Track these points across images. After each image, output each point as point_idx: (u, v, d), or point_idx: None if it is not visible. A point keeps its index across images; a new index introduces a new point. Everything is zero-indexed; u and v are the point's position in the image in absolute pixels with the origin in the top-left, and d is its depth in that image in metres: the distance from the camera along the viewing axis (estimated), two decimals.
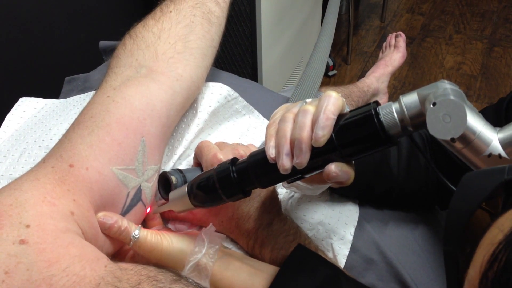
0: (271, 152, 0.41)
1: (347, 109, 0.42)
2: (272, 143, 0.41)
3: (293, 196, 0.60)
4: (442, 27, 2.31)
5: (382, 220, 0.61)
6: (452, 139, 0.36)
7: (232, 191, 0.46)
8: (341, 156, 0.40)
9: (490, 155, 0.36)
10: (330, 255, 0.55)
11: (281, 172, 0.40)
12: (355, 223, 0.58)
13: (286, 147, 0.40)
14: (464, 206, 0.28)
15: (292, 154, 0.40)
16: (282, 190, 0.59)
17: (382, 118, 0.39)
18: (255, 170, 0.44)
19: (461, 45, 2.16)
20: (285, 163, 0.40)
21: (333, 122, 0.39)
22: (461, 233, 0.27)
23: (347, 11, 2.21)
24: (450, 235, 0.27)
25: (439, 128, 0.36)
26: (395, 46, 1.51)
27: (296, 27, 1.57)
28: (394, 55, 1.49)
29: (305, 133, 0.39)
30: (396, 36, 1.52)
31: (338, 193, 0.61)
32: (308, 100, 0.43)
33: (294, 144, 0.40)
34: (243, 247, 0.54)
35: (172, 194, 0.50)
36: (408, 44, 2.13)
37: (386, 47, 1.55)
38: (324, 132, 0.38)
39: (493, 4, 2.46)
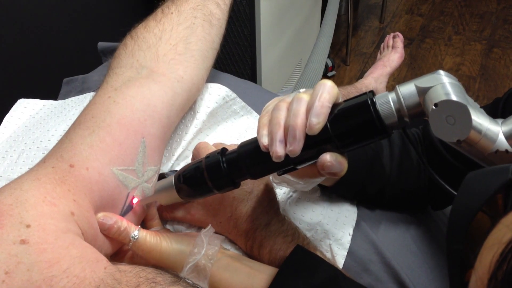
0: (264, 140, 0.40)
1: (341, 100, 0.42)
2: (265, 131, 0.41)
3: (291, 196, 0.60)
4: (441, 28, 2.32)
5: (379, 221, 0.61)
6: (458, 141, 0.36)
7: (222, 182, 0.45)
8: (335, 146, 0.40)
9: (497, 151, 0.35)
10: (328, 255, 0.55)
11: (274, 159, 0.39)
12: (353, 224, 0.59)
13: (279, 134, 0.39)
14: (469, 205, 0.27)
15: (285, 142, 0.39)
16: (280, 191, 0.59)
17: (378, 107, 0.38)
18: (246, 160, 0.43)
19: (460, 46, 2.17)
20: (278, 150, 0.39)
21: (328, 110, 0.39)
22: (466, 231, 0.27)
23: (346, 12, 2.21)
24: (454, 233, 0.27)
25: (444, 131, 0.36)
26: (393, 47, 1.51)
27: (295, 28, 1.58)
28: (392, 55, 1.49)
29: (299, 120, 0.39)
30: (394, 37, 1.53)
31: (333, 193, 0.61)
32: (301, 90, 0.42)
33: (287, 131, 0.39)
34: (241, 248, 0.54)
35: (158, 184, 0.49)
36: (407, 45, 2.13)
37: (384, 48, 1.56)
38: (319, 120, 0.38)
39: (492, 5, 2.46)
